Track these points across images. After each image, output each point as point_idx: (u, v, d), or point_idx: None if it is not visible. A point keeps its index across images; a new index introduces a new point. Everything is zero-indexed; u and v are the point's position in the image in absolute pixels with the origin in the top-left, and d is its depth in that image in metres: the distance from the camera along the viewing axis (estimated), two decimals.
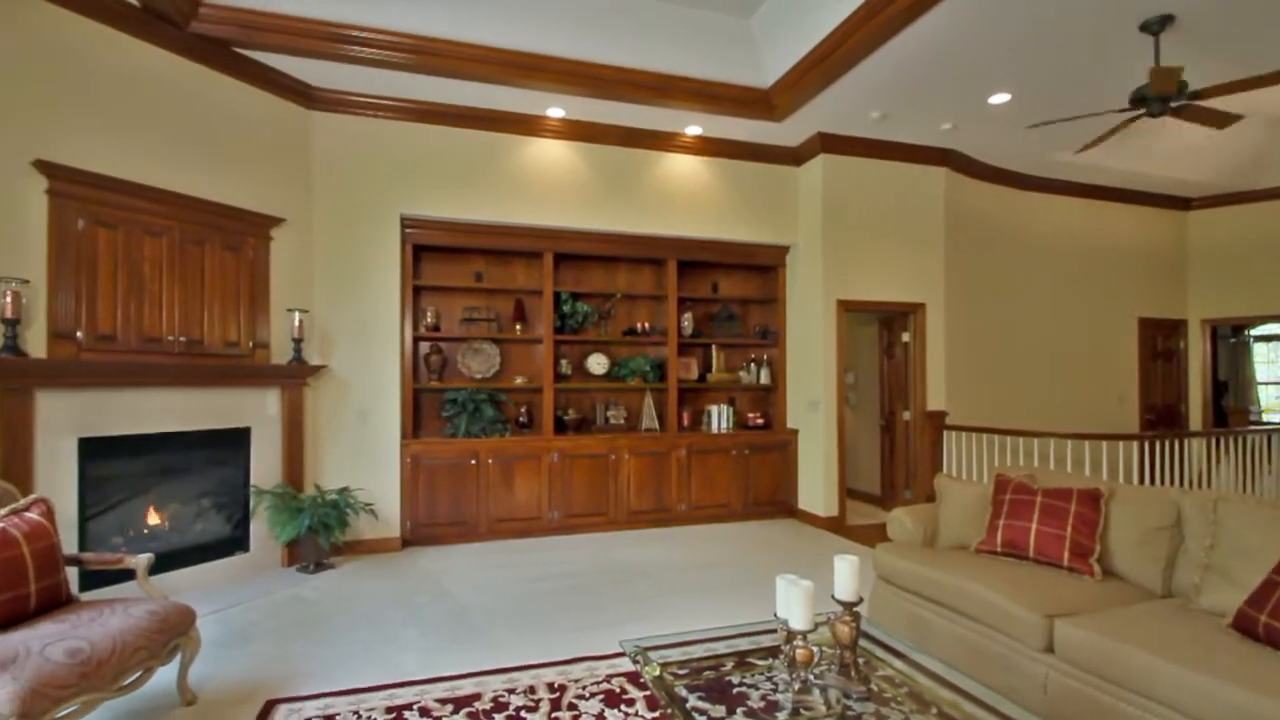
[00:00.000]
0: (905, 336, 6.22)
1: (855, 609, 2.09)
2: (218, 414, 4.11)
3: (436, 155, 5.09)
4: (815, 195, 5.85)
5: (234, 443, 4.25)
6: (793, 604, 1.89)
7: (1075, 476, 3.26)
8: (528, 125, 5.26)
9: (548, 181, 5.38)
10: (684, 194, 5.76)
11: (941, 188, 6.06)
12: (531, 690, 2.73)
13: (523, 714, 2.54)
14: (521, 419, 5.54)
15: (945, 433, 5.90)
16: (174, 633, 2.50)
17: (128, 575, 3.29)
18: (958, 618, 2.81)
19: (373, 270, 4.94)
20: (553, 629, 3.41)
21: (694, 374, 6.09)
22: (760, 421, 6.14)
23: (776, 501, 6.04)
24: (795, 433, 6.07)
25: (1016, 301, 6.79)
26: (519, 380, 5.50)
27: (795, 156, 6.00)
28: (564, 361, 5.73)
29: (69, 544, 3.32)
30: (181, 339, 3.92)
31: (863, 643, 2.28)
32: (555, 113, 5.18)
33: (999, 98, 4.90)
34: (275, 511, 4.27)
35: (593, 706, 2.59)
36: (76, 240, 3.46)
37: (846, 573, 2.09)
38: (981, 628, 2.68)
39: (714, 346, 6.13)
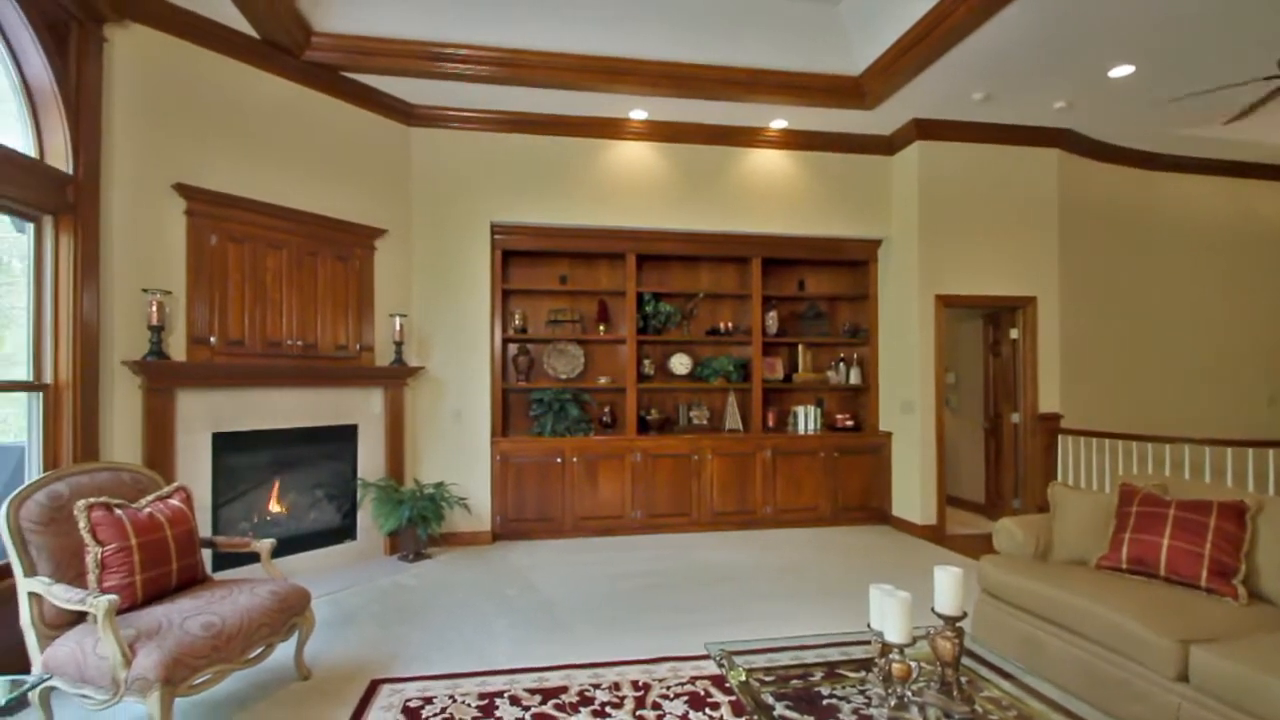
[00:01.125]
0: (1013, 333, 5.78)
1: (958, 624, 1.95)
2: (329, 412, 4.44)
3: (523, 163, 5.26)
4: (910, 185, 5.55)
5: (343, 439, 4.57)
6: (889, 615, 1.79)
7: (1215, 487, 2.89)
8: (611, 129, 5.33)
9: (630, 183, 5.42)
10: (769, 190, 5.64)
11: (1054, 171, 5.59)
12: (616, 687, 2.75)
13: (608, 710, 2.56)
14: (605, 419, 5.62)
15: (1060, 437, 5.43)
16: (292, 612, 2.71)
17: (253, 558, 3.60)
18: (1075, 639, 2.57)
19: (465, 275, 5.18)
20: (636, 627, 3.43)
21: (779, 374, 5.94)
22: (850, 423, 5.90)
23: (868, 507, 5.78)
24: (889, 435, 5.79)
25: (1144, 292, 6.14)
26: (602, 380, 5.58)
27: (888, 145, 5.73)
28: (647, 362, 5.75)
29: (204, 528, 3.70)
30: (298, 343, 4.26)
31: (966, 661, 2.13)
32: (638, 115, 5.21)
33: (1121, 70, 4.45)
34: (379, 503, 4.56)
35: (677, 707, 2.58)
36: (210, 255, 3.84)
37: (949, 585, 1.96)
38: (1103, 651, 2.44)
39: (800, 346, 5.96)
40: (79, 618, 2.32)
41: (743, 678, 2.09)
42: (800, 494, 5.64)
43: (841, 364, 6.03)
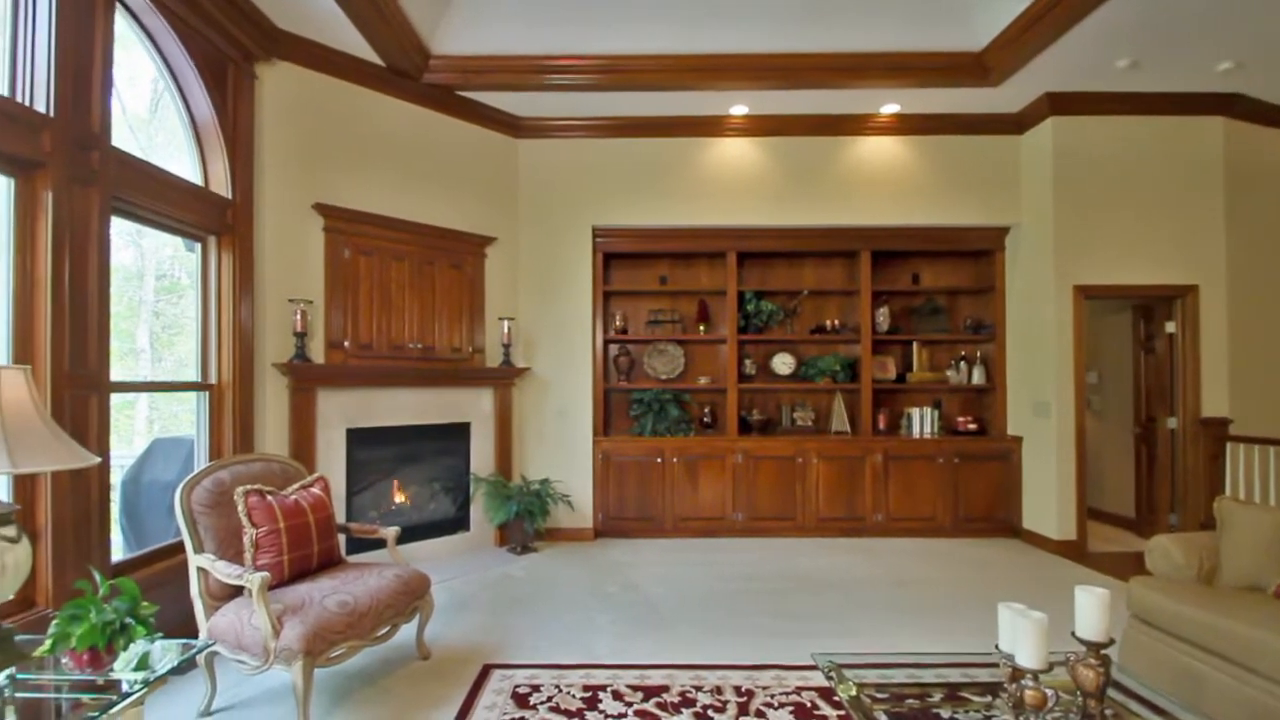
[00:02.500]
0: (1170, 326, 5.10)
1: (1104, 651, 1.74)
2: (445, 410, 4.73)
3: (624, 166, 5.34)
4: (1043, 165, 5.06)
5: (457, 436, 4.85)
6: (1021, 637, 1.63)
7: None
8: (711, 126, 5.28)
9: (730, 180, 5.35)
10: (879, 179, 5.35)
11: (1219, 142, 4.88)
12: (718, 690, 2.71)
13: (710, 713, 2.53)
14: (705, 419, 5.57)
15: (1229, 445, 4.72)
16: (414, 595, 2.90)
17: (380, 544, 3.91)
18: (1246, 675, 2.21)
19: (568, 279, 5.33)
20: (737, 631, 3.36)
21: (891, 374, 5.61)
22: (973, 426, 5.47)
23: (994, 518, 5.32)
24: (1019, 440, 5.30)
25: None
26: (702, 381, 5.54)
27: (1016, 124, 5.25)
28: (748, 361, 5.64)
29: (339, 515, 4.05)
30: (418, 346, 4.57)
31: (1112, 693, 1.89)
32: (738, 110, 5.13)
33: None
34: (489, 497, 4.80)
35: (781, 717, 2.49)
36: (343, 266, 4.21)
37: (1093, 607, 1.75)
38: None
39: (915, 344, 5.59)
40: (237, 591, 2.61)
41: (853, 692, 1.98)
42: (915, 502, 5.30)
43: (963, 363, 5.60)
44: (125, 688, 1.73)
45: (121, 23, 2.93)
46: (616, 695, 2.68)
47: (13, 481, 2.37)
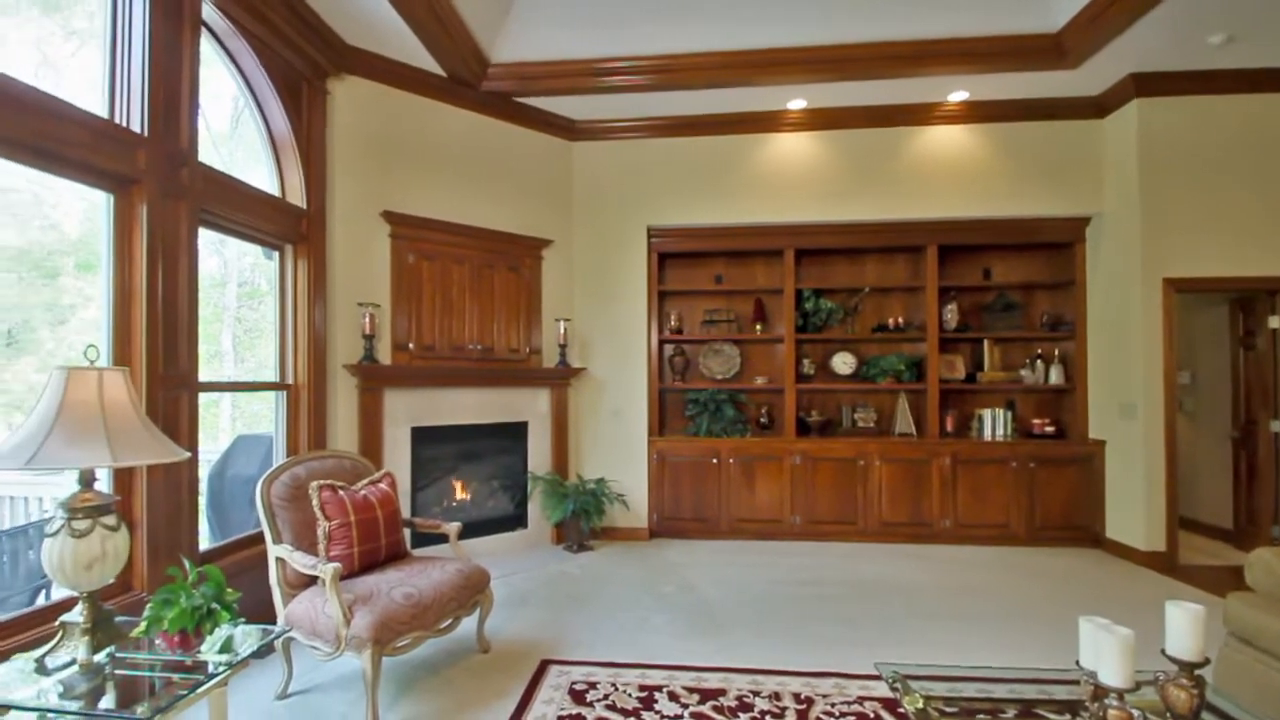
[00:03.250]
0: (1273, 321, 4.68)
1: (1198, 672, 1.60)
2: (503, 410, 4.84)
3: (679, 165, 5.32)
4: (1128, 150, 4.73)
5: (515, 435, 4.96)
6: (1105, 654, 1.53)
7: None
8: (767, 122, 5.20)
9: (787, 177, 5.25)
10: (946, 170, 5.13)
11: None
12: (776, 697, 2.66)
13: (767, 719, 2.49)
14: (762, 419, 5.49)
15: None
16: (475, 590, 2.98)
17: (442, 539, 4.02)
18: None
19: (623, 279, 5.36)
20: (796, 637, 3.29)
21: (959, 373, 5.37)
22: (1050, 429, 5.17)
23: (1074, 527, 5.01)
24: (1101, 444, 4.98)
25: None
26: (759, 381, 5.46)
27: (1096, 107, 4.93)
28: (806, 361, 5.52)
29: (404, 510, 4.20)
30: (478, 347, 4.70)
31: (1207, 716, 1.74)
32: (796, 104, 5.03)
33: None
34: (546, 495, 4.88)
35: None
36: (408, 271, 4.37)
37: (1186, 624, 1.62)
38: None
39: (986, 342, 5.33)
40: (312, 580, 2.75)
41: (920, 705, 1.90)
42: (986, 508, 5.05)
43: (1039, 361, 5.30)
44: (211, 669, 1.84)
45: (206, 45, 3.13)
46: (673, 696, 2.67)
47: (113, 475, 2.57)
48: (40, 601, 2.50)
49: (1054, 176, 5.04)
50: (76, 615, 1.85)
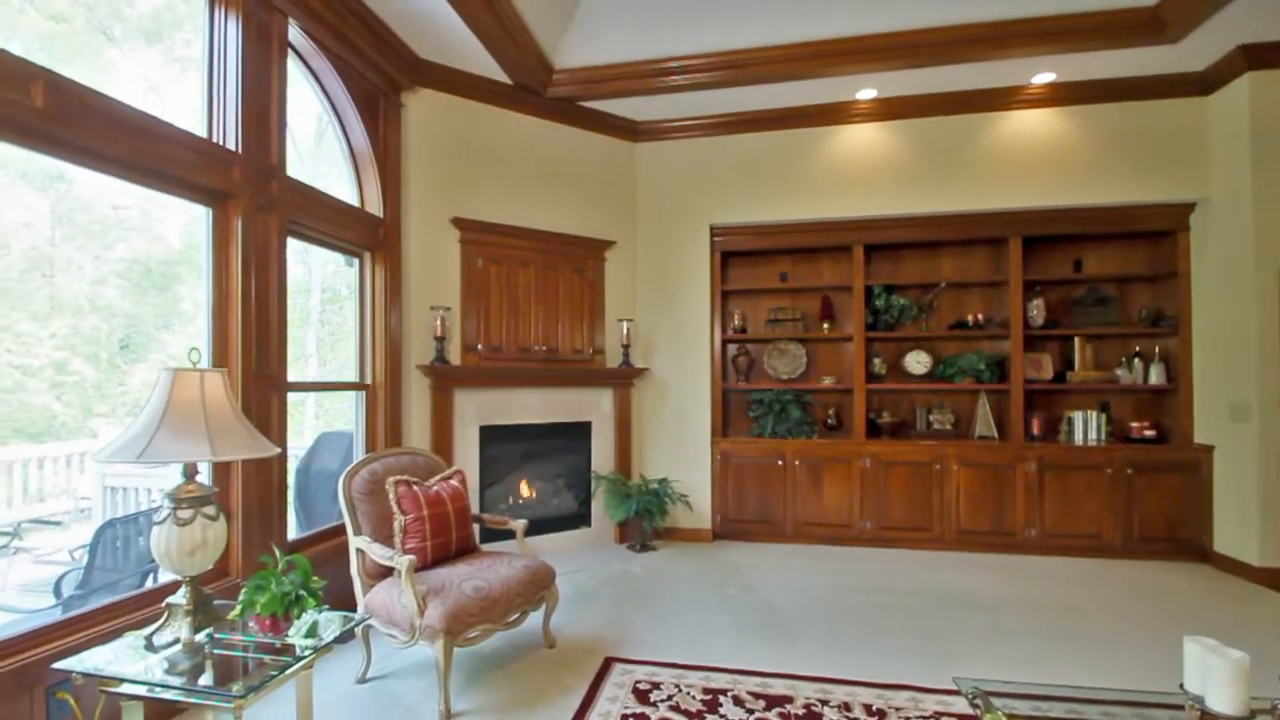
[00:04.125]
0: None
1: None
2: (567, 410, 4.92)
3: (742, 163, 5.25)
4: (1238, 129, 4.31)
5: (579, 434, 5.02)
6: (1214, 677, 1.39)
7: None
8: (834, 114, 5.05)
9: (856, 170, 5.08)
10: (1029, 157, 4.83)
11: None
12: (846, 707, 2.57)
13: None
14: (830, 421, 5.34)
15: None
16: (541, 586, 3.04)
17: (508, 535, 4.11)
18: None
19: (686, 279, 5.34)
20: (866, 646, 3.17)
21: (1047, 372, 5.04)
22: (1150, 433, 4.77)
23: (1177, 539, 4.61)
24: (1208, 449, 4.55)
25: None
26: (826, 381, 5.31)
27: (1201, 83, 4.52)
28: (877, 361, 5.32)
29: (473, 506, 4.34)
30: (543, 348, 4.80)
31: None
32: (866, 94, 4.86)
33: None
34: (609, 494, 4.92)
35: None
36: (476, 275, 4.51)
37: None
38: None
39: (1076, 339, 4.98)
40: (388, 571, 2.88)
41: None
42: (1076, 517, 4.72)
43: (1136, 360, 4.90)
44: (299, 652, 1.96)
45: (292, 66, 3.34)
46: (737, 701, 2.63)
47: (212, 468, 2.78)
48: (148, 584, 2.74)
49: (1152, 160, 4.65)
50: (180, 598, 2.01)
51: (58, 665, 1.85)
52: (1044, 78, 4.59)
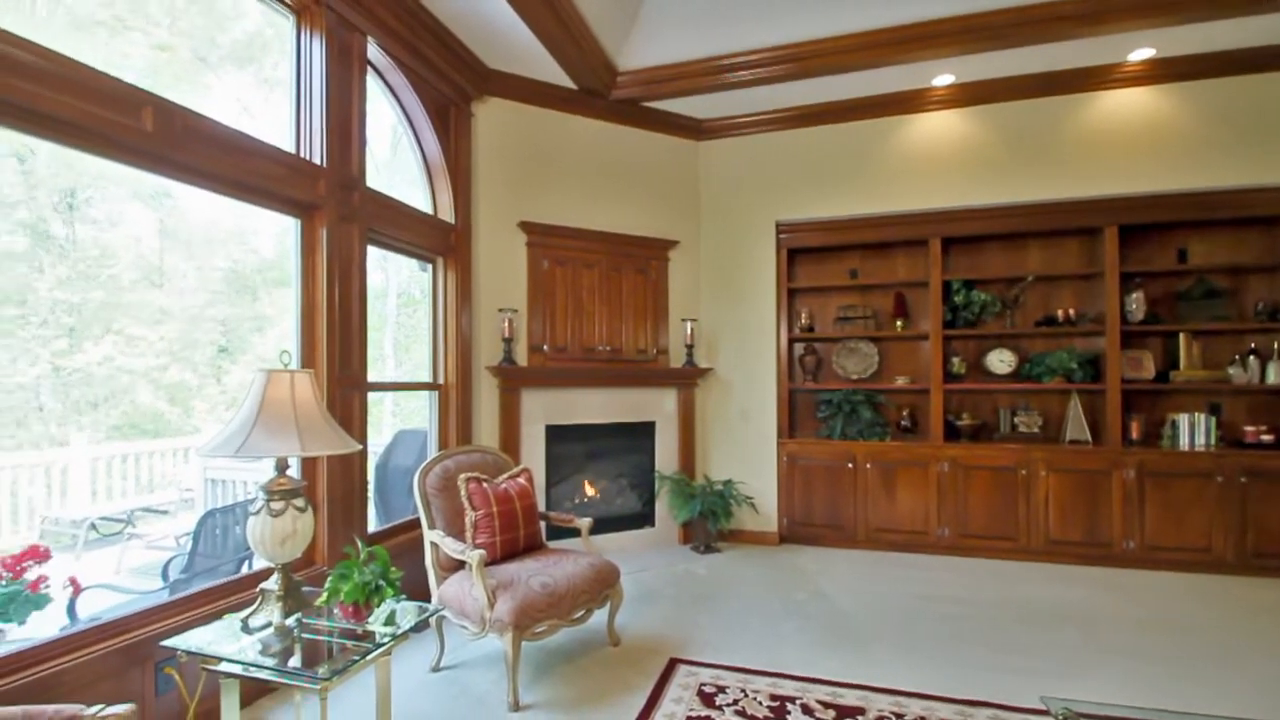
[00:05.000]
0: None
1: None
2: (631, 409, 4.94)
3: (809, 157, 5.12)
4: None
5: (642, 434, 5.04)
6: None
7: None
8: (908, 103, 4.85)
9: (932, 159, 4.86)
10: (1125, 139, 4.48)
11: None
12: None
13: None
14: (904, 422, 5.12)
15: None
16: (605, 584, 3.07)
17: (573, 533, 4.18)
18: None
19: (750, 278, 5.25)
20: (944, 660, 3.02)
21: (1147, 372, 4.65)
22: (1267, 437, 4.32)
23: None
24: None
25: None
26: (900, 381, 5.10)
27: None
28: (955, 359, 5.07)
29: (540, 504, 4.43)
30: (607, 348, 4.84)
31: None
32: (943, 80, 4.64)
33: None
34: (673, 495, 4.91)
35: None
36: (542, 277, 4.60)
37: None
38: None
39: (1181, 335, 4.57)
40: (460, 565, 2.98)
41: None
42: (1181, 529, 4.33)
43: (1252, 357, 4.45)
44: (378, 639, 2.06)
45: (370, 81, 3.51)
46: (806, 710, 2.57)
47: (300, 463, 2.96)
48: (244, 570, 2.95)
49: (1267, 139, 4.21)
50: (272, 584, 2.14)
51: (165, 643, 2.02)
52: (1142, 54, 4.24)
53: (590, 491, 4.93)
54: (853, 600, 3.83)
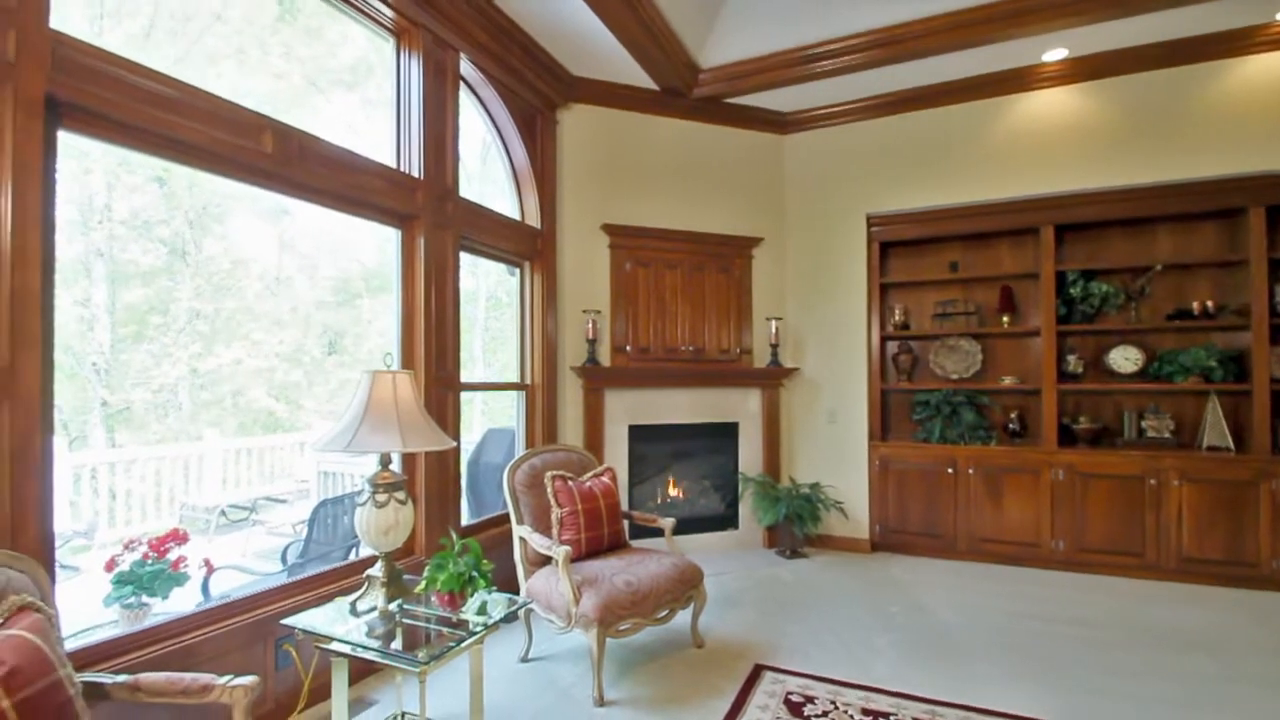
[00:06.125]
0: None
1: None
2: (714, 410, 4.89)
3: (902, 145, 4.88)
4: None
5: (726, 435, 4.97)
6: None
7: None
8: (1011, 82, 4.51)
9: (1041, 141, 4.49)
10: (1270, 110, 3.95)
11: None
12: None
13: None
14: (1011, 425, 4.76)
15: None
16: (689, 585, 3.05)
17: (656, 532, 4.19)
18: None
19: (839, 274, 5.06)
20: (1056, 684, 2.78)
21: None
22: None
23: None
24: None
25: None
26: (1006, 380, 4.74)
27: None
28: (1071, 358, 4.65)
29: (623, 503, 4.47)
30: (690, 348, 4.82)
31: None
32: (1054, 55, 4.28)
33: None
34: (757, 497, 4.81)
35: None
36: (625, 278, 4.64)
37: None
38: None
39: None
40: (546, 560, 3.05)
41: None
42: None
43: None
44: (472, 627, 2.14)
45: (462, 95, 3.67)
46: None
47: (401, 458, 3.14)
48: (351, 557, 3.16)
49: None
50: (377, 570, 2.28)
51: (284, 621, 2.20)
52: None
53: (673, 491, 4.93)
54: (954, 615, 3.61)
